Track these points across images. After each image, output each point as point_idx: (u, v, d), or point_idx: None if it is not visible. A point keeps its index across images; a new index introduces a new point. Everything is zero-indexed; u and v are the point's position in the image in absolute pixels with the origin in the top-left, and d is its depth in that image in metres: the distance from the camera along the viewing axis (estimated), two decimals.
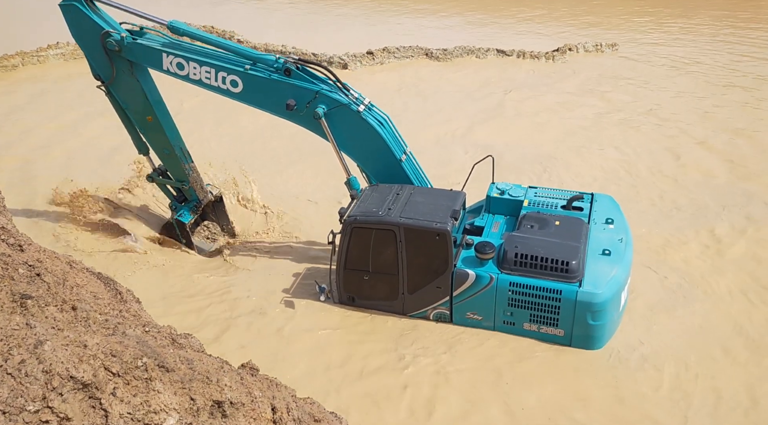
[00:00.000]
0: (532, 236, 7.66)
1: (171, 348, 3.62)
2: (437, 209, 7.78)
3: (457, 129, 14.82)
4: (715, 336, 7.87)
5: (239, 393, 3.44)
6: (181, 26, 8.29)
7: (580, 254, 7.36)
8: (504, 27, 25.18)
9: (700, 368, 7.33)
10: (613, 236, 7.91)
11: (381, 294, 8.20)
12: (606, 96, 16.94)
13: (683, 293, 8.69)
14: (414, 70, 19.48)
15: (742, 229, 10.27)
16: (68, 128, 14.78)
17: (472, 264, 7.68)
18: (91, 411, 3.00)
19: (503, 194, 8.72)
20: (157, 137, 9.31)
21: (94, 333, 3.39)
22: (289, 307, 8.51)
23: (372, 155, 8.52)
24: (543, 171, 12.56)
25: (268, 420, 3.57)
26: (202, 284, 9.12)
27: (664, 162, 12.94)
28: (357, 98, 8.25)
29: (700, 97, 16.63)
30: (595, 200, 8.58)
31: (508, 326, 7.73)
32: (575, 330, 7.40)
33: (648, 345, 7.68)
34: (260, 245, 10.25)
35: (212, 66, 8.22)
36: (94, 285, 4.26)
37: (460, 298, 7.77)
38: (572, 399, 6.90)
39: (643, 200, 11.41)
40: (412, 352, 7.63)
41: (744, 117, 15.26)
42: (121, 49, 8.38)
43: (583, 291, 7.15)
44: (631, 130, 14.62)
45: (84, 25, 8.44)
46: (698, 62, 19.68)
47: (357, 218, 7.88)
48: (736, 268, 9.26)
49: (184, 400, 3.23)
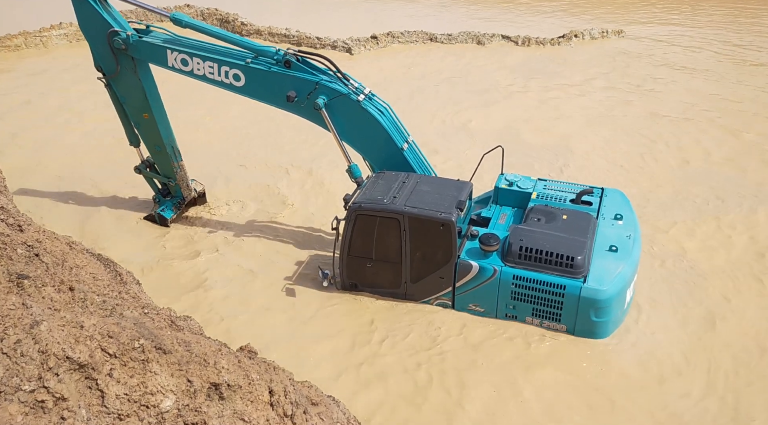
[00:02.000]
0: (537, 230, 7.67)
1: (169, 330, 3.66)
2: (443, 199, 7.80)
3: (462, 115, 14.91)
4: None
5: (237, 376, 3.48)
6: (184, 18, 8.49)
7: (586, 249, 7.37)
8: (508, 12, 25.31)
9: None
10: (621, 232, 7.90)
11: (384, 282, 8.26)
12: (616, 82, 17.05)
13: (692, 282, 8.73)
14: (418, 54, 19.59)
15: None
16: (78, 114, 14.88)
17: (476, 256, 7.70)
18: (87, 392, 3.04)
19: (511, 185, 8.73)
20: (151, 134, 9.59)
21: (91, 314, 3.42)
22: (290, 295, 8.60)
23: (373, 145, 8.63)
24: (554, 160, 12.56)
25: (266, 403, 3.62)
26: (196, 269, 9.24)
27: (683, 149, 12.93)
28: (357, 88, 8.40)
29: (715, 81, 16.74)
30: (605, 195, 8.56)
31: (510, 319, 7.78)
32: (578, 325, 7.45)
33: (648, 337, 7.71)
34: (262, 232, 10.29)
35: (215, 61, 8.44)
36: (93, 266, 4.29)
37: (463, 289, 7.81)
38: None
39: (657, 189, 11.41)
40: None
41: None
42: (127, 48, 8.65)
43: (587, 287, 7.18)
44: (641, 115, 14.72)
45: (93, 20, 8.70)
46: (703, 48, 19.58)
47: (362, 206, 7.91)
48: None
49: (181, 382, 3.27)
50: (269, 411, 3.62)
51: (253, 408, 3.50)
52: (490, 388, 6.92)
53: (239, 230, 10.28)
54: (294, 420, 3.71)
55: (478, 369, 7.18)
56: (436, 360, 7.32)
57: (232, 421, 3.37)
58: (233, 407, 3.42)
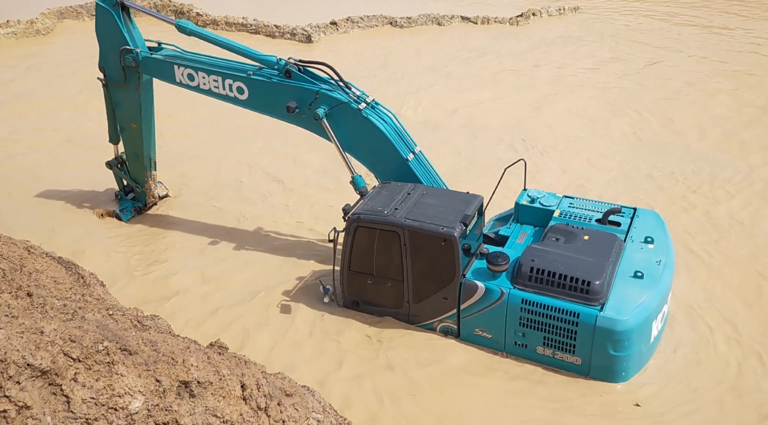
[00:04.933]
0: (553, 250, 7.93)
1: (134, 331, 3.96)
2: (447, 213, 8.12)
3: (437, 101, 16.81)
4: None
5: (206, 372, 3.81)
6: (188, 26, 9.63)
7: (605, 274, 7.59)
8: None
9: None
10: (650, 256, 8.12)
11: (385, 301, 8.63)
12: (583, 57, 19.88)
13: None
14: (380, 39, 21.74)
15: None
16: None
17: (483, 276, 8.00)
18: (51, 398, 3.33)
19: (533, 202, 9.07)
20: (133, 142, 10.93)
21: (52, 319, 3.74)
22: (285, 312, 9.09)
23: (376, 155, 9.20)
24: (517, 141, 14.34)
25: (238, 398, 3.94)
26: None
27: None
28: (359, 96, 9.08)
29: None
30: (636, 216, 8.82)
31: (519, 348, 8.05)
32: (594, 359, 7.64)
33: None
34: (265, 238, 11.00)
35: (219, 74, 9.51)
36: (54, 270, 4.63)
37: (468, 312, 8.11)
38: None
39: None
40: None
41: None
42: (137, 66, 9.92)
43: (603, 316, 7.37)
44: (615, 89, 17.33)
45: (111, 31, 9.90)
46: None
47: (360, 217, 8.21)
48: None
49: (149, 382, 3.59)
50: (242, 405, 3.96)
51: (226, 404, 3.83)
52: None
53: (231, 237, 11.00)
54: (268, 412, 4.05)
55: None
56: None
57: (205, 418, 3.70)
58: (205, 404, 3.76)
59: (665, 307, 8.07)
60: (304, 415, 4.23)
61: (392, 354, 8.21)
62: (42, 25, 23.02)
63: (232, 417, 3.84)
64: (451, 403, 7.51)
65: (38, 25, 22.91)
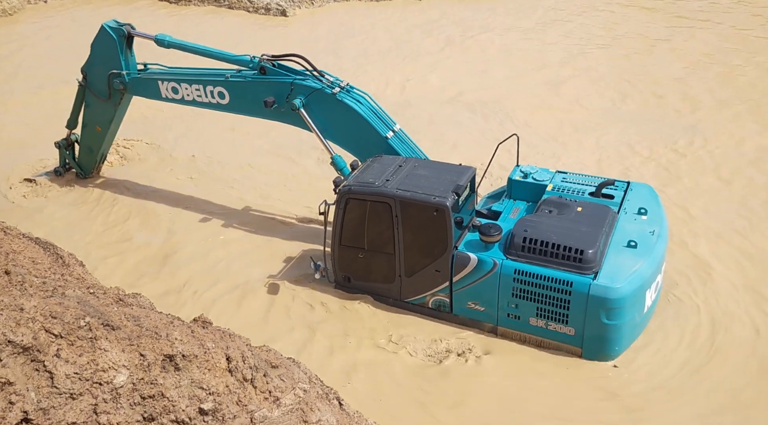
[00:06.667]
0: (545, 221, 8.01)
1: (116, 307, 4.02)
2: (439, 183, 8.18)
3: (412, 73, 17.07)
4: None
5: (191, 346, 3.91)
6: (166, 38, 10.33)
7: (598, 243, 7.68)
8: None
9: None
10: (644, 227, 8.23)
11: (377, 276, 8.70)
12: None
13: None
14: (356, 12, 21.91)
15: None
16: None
17: (475, 248, 8.08)
18: (34, 374, 3.40)
19: (526, 177, 9.17)
20: (93, 140, 11.80)
21: (31, 296, 3.79)
22: (273, 288, 9.19)
23: (356, 137, 9.54)
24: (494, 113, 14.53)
25: (224, 370, 4.05)
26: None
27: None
28: (332, 82, 9.55)
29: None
30: (630, 189, 8.95)
31: (512, 320, 8.16)
32: (587, 329, 7.77)
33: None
34: (253, 217, 11.06)
35: (199, 82, 10.08)
36: (32, 251, 4.70)
37: (461, 285, 8.19)
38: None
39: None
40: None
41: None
42: (125, 89, 10.75)
43: (597, 285, 7.48)
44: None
45: (108, 53, 10.62)
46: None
47: (351, 189, 8.24)
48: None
49: (133, 356, 3.68)
50: (228, 377, 4.06)
51: (212, 376, 3.93)
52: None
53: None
54: (254, 383, 4.17)
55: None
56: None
57: (191, 390, 3.80)
58: (190, 376, 3.86)
59: (659, 277, 8.19)
60: (291, 385, 4.33)
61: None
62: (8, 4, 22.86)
63: (218, 388, 3.92)
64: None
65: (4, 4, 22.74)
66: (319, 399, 4.46)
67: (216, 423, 3.82)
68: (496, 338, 8.27)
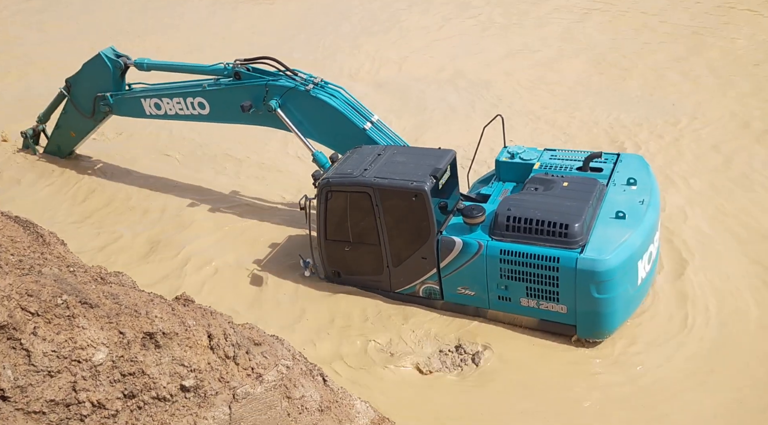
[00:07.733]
0: (530, 198, 8.06)
1: (94, 285, 4.10)
2: (417, 168, 8.26)
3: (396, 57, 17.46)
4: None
5: (171, 324, 3.99)
6: (145, 61, 10.96)
7: (583, 216, 7.70)
8: None
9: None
10: (633, 197, 8.24)
11: (366, 268, 8.78)
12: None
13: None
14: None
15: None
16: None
17: (460, 231, 8.14)
18: (11, 352, 3.48)
19: (513, 157, 9.22)
20: (63, 141, 12.46)
21: (7, 274, 3.87)
22: (264, 283, 9.33)
23: (333, 131, 9.75)
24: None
25: (205, 347, 4.13)
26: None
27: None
28: (305, 79, 9.81)
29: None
30: (620, 161, 8.99)
31: (503, 302, 8.19)
32: (579, 305, 7.75)
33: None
34: (244, 209, 11.25)
35: (179, 94, 10.46)
36: (11, 229, 4.78)
37: (449, 270, 8.25)
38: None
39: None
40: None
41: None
42: (111, 110, 11.32)
43: (584, 258, 7.47)
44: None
45: (101, 80, 11.13)
46: None
47: (330, 181, 8.33)
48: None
49: (112, 334, 3.76)
50: (210, 354, 4.13)
51: (193, 353, 4.00)
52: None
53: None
54: (237, 360, 4.24)
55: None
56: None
57: (172, 368, 3.88)
58: (171, 354, 3.94)
59: (652, 247, 8.15)
60: (273, 362, 4.40)
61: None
62: None
63: (199, 365, 4.00)
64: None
65: None
66: (303, 376, 4.53)
67: (198, 399, 3.91)
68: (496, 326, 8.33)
